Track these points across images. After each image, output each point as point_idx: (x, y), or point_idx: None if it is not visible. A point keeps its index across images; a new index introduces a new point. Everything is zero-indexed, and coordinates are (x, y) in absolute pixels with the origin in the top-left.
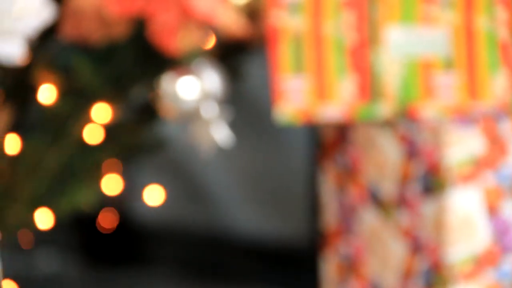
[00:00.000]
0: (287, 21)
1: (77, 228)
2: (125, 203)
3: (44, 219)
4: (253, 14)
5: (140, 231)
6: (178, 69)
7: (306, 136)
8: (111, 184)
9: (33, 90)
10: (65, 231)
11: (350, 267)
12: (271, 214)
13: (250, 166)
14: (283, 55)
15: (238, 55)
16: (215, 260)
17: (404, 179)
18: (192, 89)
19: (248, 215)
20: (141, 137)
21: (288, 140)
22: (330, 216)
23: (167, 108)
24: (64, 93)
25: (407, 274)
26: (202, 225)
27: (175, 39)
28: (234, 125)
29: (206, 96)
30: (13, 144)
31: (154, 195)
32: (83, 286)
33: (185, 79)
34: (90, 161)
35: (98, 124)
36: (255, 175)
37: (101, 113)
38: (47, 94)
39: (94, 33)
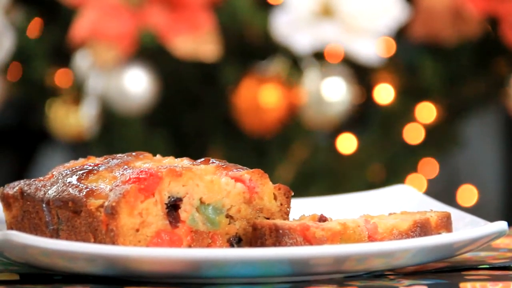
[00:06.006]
0: None
1: None
2: None
3: None
4: None
5: None
6: None
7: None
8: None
9: (371, 89)
10: None
11: None
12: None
13: None
14: None
15: None
16: None
17: None
18: None
19: None
20: (453, 136)
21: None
22: None
23: None
24: (401, 92)
25: None
26: None
27: None
28: None
29: None
30: (348, 143)
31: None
32: None
33: None
34: (408, 161)
35: (420, 123)
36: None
37: (426, 112)
38: (384, 93)
39: (445, 32)
